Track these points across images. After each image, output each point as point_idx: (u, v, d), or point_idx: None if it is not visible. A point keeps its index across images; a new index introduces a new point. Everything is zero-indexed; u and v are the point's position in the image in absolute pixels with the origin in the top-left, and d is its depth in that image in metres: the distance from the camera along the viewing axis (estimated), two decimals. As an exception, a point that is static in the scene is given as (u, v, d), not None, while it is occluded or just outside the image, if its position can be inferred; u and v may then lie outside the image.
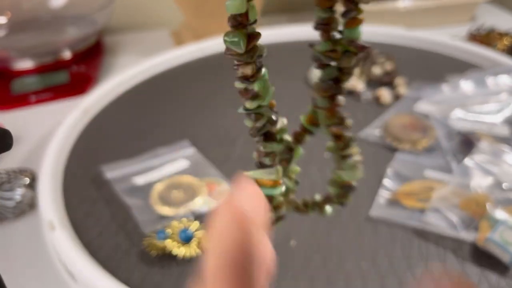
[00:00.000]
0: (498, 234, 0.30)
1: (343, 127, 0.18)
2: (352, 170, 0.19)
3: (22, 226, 0.37)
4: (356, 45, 0.16)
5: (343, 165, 0.19)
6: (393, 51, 0.57)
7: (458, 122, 0.43)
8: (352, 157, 0.19)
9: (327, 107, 0.18)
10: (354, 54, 0.16)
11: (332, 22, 0.16)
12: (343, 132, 0.18)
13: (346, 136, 0.19)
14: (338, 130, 0.18)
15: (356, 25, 0.16)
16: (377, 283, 0.29)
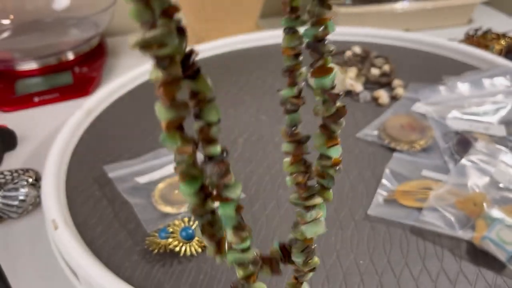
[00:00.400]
0: (494, 233, 0.30)
1: (308, 175, 0.17)
2: (315, 224, 0.17)
3: (25, 225, 0.37)
4: (328, 94, 0.16)
5: (306, 217, 0.17)
6: (391, 53, 0.58)
7: (455, 123, 0.43)
8: (315, 209, 0.17)
9: (291, 153, 0.18)
10: (332, 102, 0.16)
11: (297, 69, 0.16)
12: (307, 181, 0.17)
13: (310, 186, 0.17)
14: (302, 179, 0.17)
15: (323, 74, 0.15)
16: (375, 281, 0.29)
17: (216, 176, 0.14)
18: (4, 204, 0.37)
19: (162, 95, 0.12)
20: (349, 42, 0.61)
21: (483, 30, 0.64)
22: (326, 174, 0.17)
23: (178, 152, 0.13)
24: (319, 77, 0.16)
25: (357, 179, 0.38)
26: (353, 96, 0.50)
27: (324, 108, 0.16)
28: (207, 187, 0.15)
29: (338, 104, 0.16)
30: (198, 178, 0.14)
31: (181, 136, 0.13)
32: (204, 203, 0.15)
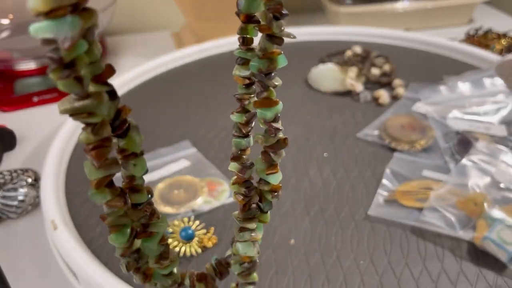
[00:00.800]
0: (495, 233, 0.30)
1: (248, 198, 0.18)
2: (247, 245, 0.18)
3: (24, 225, 0.37)
4: (269, 125, 0.16)
5: (239, 237, 0.18)
6: (391, 52, 0.57)
7: (456, 123, 0.43)
8: (248, 232, 0.18)
9: (236, 173, 0.18)
10: (272, 134, 0.16)
11: (246, 98, 0.17)
12: (248, 203, 0.18)
13: (250, 207, 0.18)
14: (241, 200, 0.18)
15: (266, 106, 0.15)
16: (375, 281, 0.29)
17: (145, 219, 0.15)
18: (3, 204, 0.36)
19: (93, 157, 0.12)
20: (350, 42, 0.61)
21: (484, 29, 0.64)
22: (264, 198, 0.18)
23: (109, 206, 0.14)
24: (261, 108, 0.16)
25: (357, 179, 0.38)
26: (353, 96, 0.50)
27: (264, 138, 0.17)
28: (133, 228, 0.15)
29: (280, 136, 0.16)
30: (127, 225, 0.15)
31: (111, 192, 0.14)
32: (132, 245, 0.16)
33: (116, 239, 0.15)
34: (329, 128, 0.45)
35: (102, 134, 0.12)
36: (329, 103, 0.49)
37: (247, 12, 0.14)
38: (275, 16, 0.14)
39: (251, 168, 0.18)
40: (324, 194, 0.36)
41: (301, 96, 0.51)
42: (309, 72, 0.53)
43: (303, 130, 0.45)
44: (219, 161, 0.40)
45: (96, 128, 0.12)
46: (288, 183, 0.38)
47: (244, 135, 0.18)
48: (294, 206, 0.35)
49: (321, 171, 0.39)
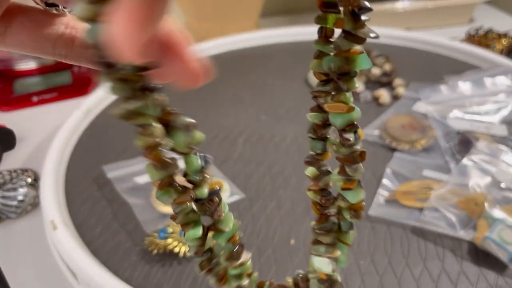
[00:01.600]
0: (496, 233, 0.30)
1: (327, 209, 0.16)
2: (322, 261, 0.16)
3: (24, 225, 0.37)
4: (340, 134, 0.14)
5: (313, 250, 0.16)
6: (392, 52, 0.57)
7: (457, 122, 0.43)
8: (325, 247, 0.16)
9: (312, 179, 0.16)
10: (343, 144, 0.14)
11: (322, 96, 0.15)
12: (324, 214, 0.16)
13: (329, 221, 0.16)
14: (316, 210, 0.16)
15: (337, 111, 0.14)
16: (375, 281, 0.29)
17: (209, 214, 0.15)
18: (3, 204, 0.36)
19: (152, 160, 0.12)
20: (350, 41, 0.60)
21: (484, 29, 0.63)
22: (341, 216, 0.16)
23: (177, 204, 0.14)
24: (332, 112, 0.14)
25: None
26: (353, 96, 0.50)
27: (337, 147, 0.15)
28: (204, 226, 0.15)
29: (355, 148, 0.14)
30: (198, 221, 0.14)
31: (176, 190, 0.13)
32: (204, 242, 0.15)
33: (190, 237, 0.14)
34: (329, 128, 0.45)
35: (154, 135, 0.12)
36: (329, 103, 0.49)
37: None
38: (353, 11, 0.11)
39: (328, 175, 0.16)
40: (324, 194, 0.36)
41: (301, 96, 0.51)
42: (309, 72, 0.53)
43: (303, 129, 0.45)
44: (219, 161, 0.40)
45: (148, 129, 0.12)
46: (288, 183, 0.38)
47: (320, 138, 0.16)
48: (294, 206, 0.35)
49: (321, 171, 0.39)
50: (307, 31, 0.63)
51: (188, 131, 0.14)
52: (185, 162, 0.14)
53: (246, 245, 0.35)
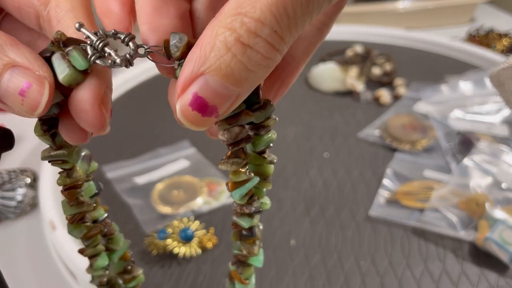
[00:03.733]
0: (497, 234, 0.30)
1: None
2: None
3: (23, 225, 0.37)
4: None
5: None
6: (392, 52, 0.57)
7: (457, 122, 0.43)
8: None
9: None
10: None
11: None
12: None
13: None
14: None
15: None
16: (376, 282, 0.29)
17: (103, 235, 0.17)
18: (2, 204, 0.36)
19: (65, 196, 0.15)
20: (350, 41, 0.60)
21: (485, 29, 0.63)
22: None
23: (86, 238, 0.16)
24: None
25: (358, 179, 0.38)
26: (354, 96, 0.50)
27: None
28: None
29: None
30: (104, 252, 0.17)
31: (86, 226, 0.16)
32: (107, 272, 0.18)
33: (99, 266, 0.16)
34: (329, 128, 0.45)
35: (74, 177, 0.15)
36: (330, 103, 0.49)
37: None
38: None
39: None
40: (324, 195, 0.36)
41: (302, 96, 0.51)
42: (309, 72, 0.53)
43: (303, 130, 0.45)
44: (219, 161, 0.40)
45: (69, 172, 0.15)
46: (288, 183, 0.38)
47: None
48: (294, 206, 0.35)
49: (322, 171, 0.39)
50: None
51: (88, 161, 0.16)
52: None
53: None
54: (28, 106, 0.11)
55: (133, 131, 0.45)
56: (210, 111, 0.11)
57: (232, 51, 0.10)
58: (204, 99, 0.11)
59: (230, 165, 0.13)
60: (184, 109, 0.11)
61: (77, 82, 0.12)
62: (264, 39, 0.10)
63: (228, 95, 0.11)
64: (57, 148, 0.14)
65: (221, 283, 0.29)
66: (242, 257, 0.15)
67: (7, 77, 0.11)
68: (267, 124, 0.13)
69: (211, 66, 0.10)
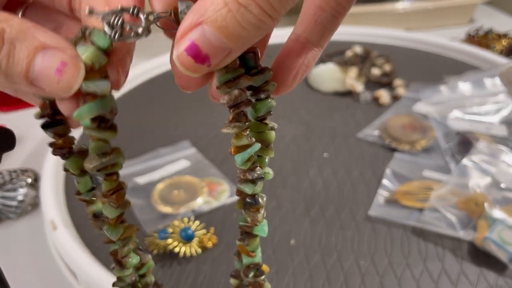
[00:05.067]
0: (496, 233, 0.30)
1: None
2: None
3: (24, 225, 0.37)
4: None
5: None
6: (392, 53, 0.57)
7: (457, 123, 0.43)
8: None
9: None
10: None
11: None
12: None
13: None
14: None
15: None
16: (376, 282, 0.29)
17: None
18: (3, 204, 0.36)
19: (113, 200, 0.15)
20: (350, 42, 0.60)
21: (484, 30, 0.64)
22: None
23: (122, 239, 0.16)
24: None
25: (358, 179, 0.38)
26: (353, 96, 0.50)
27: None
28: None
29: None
30: (135, 251, 0.17)
31: (124, 226, 0.16)
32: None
33: (131, 264, 0.17)
34: (329, 128, 0.45)
35: (118, 180, 0.15)
36: (329, 103, 0.49)
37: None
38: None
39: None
40: (324, 194, 0.36)
41: (301, 96, 0.51)
42: (309, 72, 0.53)
43: (303, 130, 0.45)
44: (219, 161, 0.40)
45: (114, 177, 0.15)
46: (288, 183, 0.38)
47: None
48: (294, 206, 0.35)
49: (321, 171, 0.39)
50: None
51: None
52: (77, 182, 0.16)
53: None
54: (65, 84, 0.12)
55: (134, 131, 0.46)
56: (203, 58, 0.12)
57: (228, 6, 0.11)
58: (199, 46, 0.12)
59: (232, 128, 0.14)
60: (180, 54, 0.12)
61: (99, 62, 0.12)
62: (256, 2, 0.11)
63: (221, 47, 0.12)
64: (108, 153, 0.14)
65: (221, 282, 0.29)
66: (247, 228, 0.15)
67: (40, 59, 0.12)
68: (267, 88, 0.14)
69: (209, 17, 0.11)
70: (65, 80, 0.12)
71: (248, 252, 0.16)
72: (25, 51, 0.11)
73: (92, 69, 0.12)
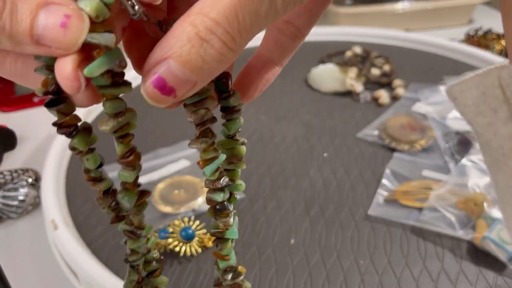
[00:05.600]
0: (495, 233, 0.30)
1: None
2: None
3: (25, 225, 0.37)
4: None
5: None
6: (391, 53, 0.58)
7: (456, 123, 0.43)
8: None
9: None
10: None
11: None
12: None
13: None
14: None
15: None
16: (375, 281, 0.29)
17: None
18: (4, 204, 0.37)
19: (130, 163, 0.15)
20: (350, 42, 0.61)
21: (484, 30, 0.64)
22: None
23: (138, 204, 0.16)
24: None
25: (357, 179, 0.38)
26: (353, 96, 0.50)
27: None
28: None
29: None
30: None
31: (138, 191, 0.16)
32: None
33: (145, 235, 0.17)
34: (329, 128, 0.45)
35: (131, 143, 0.15)
36: (329, 103, 0.49)
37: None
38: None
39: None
40: (324, 194, 0.37)
41: (301, 96, 0.51)
42: (309, 72, 0.53)
43: (303, 130, 0.45)
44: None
45: (131, 137, 0.15)
46: (288, 183, 0.38)
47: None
48: (294, 206, 0.35)
49: (321, 171, 0.39)
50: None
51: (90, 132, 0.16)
52: (86, 159, 0.16)
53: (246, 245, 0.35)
54: (71, 37, 0.12)
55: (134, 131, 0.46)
56: (168, 90, 0.13)
57: (192, 42, 0.12)
58: (165, 79, 0.13)
59: (200, 144, 0.15)
60: (147, 86, 0.13)
61: (103, 15, 0.12)
62: (218, 37, 0.12)
63: (186, 80, 0.13)
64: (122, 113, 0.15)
65: (221, 281, 0.29)
66: (219, 234, 0.16)
67: (43, 15, 0.12)
68: (237, 108, 0.16)
69: (174, 53, 0.12)
70: (71, 32, 0.12)
71: (223, 257, 0.17)
72: (27, 9, 0.11)
73: (96, 22, 0.12)
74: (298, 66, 0.56)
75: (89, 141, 0.15)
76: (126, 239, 0.17)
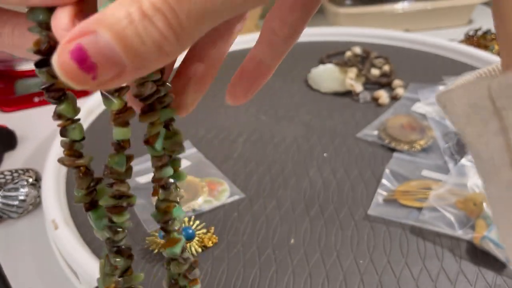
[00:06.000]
0: (494, 233, 0.30)
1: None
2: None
3: (25, 225, 0.37)
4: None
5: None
6: (391, 53, 0.58)
7: (455, 123, 0.44)
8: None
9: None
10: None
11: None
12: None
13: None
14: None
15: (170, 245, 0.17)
16: (375, 281, 0.29)
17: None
18: (4, 204, 0.37)
19: (128, 115, 0.16)
20: (349, 43, 0.61)
21: (483, 30, 0.64)
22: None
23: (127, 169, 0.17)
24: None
25: (357, 179, 0.38)
26: (353, 97, 0.50)
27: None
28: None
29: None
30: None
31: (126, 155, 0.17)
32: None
33: (132, 203, 0.17)
34: (329, 128, 0.45)
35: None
36: (329, 104, 0.49)
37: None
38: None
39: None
40: (324, 194, 0.37)
41: (301, 96, 0.51)
42: (309, 73, 0.53)
43: (303, 130, 0.45)
44: (219, 161, 0.40)
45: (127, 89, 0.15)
46: (288, 183, 0.38)
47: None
48: (294, 206, 0.36)
49: (321, 171, 0.39)
50: (306, 32, 0.63)
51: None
52: (73, 128, 0.16)
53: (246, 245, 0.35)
54: None
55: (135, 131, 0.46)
56: (88, 67, 0.10)
57: (131, 17, 0.10)
58: (87, 52, 0.10)
59: (150, 117, 0.16)
60: (62, 54, 0.10)
61: None
62: (162, 13, 0.10)
63: (113, 59, 0.10)
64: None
65: (221, 281, 0.30)
66: (166, 208, 0.17)
67: None
68: (164, 100, 0.16)
69: (109, 24, 0.10)
70: None
71: (173, 239, 0.17)
72: None
73: None
74: (298, 66, 0.56)
75: (77, 109, 0.15)
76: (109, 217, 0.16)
